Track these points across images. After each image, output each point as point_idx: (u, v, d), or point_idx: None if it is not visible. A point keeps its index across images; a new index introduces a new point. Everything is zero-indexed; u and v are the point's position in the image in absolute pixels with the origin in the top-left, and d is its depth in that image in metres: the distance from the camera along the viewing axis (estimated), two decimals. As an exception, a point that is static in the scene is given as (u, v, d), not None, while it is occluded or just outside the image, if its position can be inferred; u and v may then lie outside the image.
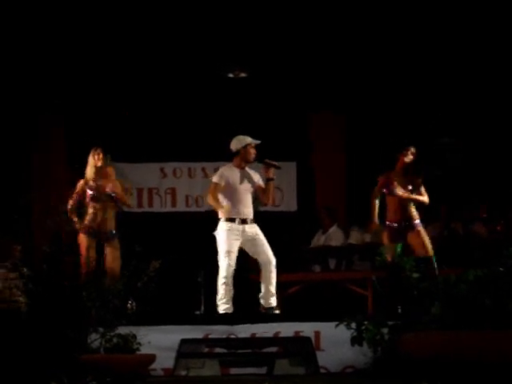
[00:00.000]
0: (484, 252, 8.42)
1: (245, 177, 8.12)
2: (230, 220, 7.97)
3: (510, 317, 4.07)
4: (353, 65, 10.30)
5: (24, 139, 10.89)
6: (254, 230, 8.02)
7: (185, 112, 10.92)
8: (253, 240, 7.99)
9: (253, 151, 8.12)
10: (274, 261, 7.99)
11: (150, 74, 10.29)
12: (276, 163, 8.10)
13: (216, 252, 8.02)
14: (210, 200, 8.12)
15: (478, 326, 4.06)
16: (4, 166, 10.62)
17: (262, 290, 7.99)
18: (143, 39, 9.58)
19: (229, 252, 7.91)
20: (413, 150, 8.38)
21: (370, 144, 10.88)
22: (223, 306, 7.92)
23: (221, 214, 8.03)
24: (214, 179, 8.14)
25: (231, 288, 7.95)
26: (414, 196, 8.31)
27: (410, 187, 8.29)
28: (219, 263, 7.96)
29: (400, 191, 8.25)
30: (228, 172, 8.13)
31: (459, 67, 10.14)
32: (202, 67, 10.28)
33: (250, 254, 8.04)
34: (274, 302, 8.01)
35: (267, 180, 8.09)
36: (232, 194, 8.03)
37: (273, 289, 8.02)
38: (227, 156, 8.60)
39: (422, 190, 8.34)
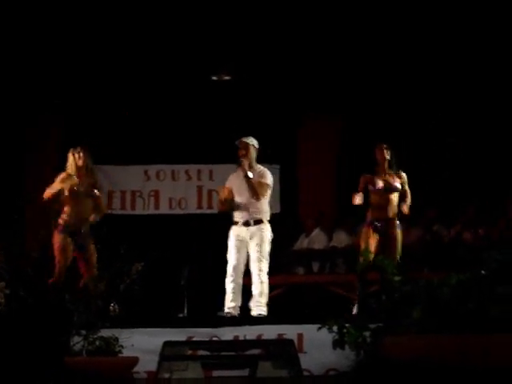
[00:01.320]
0: (467, 256, 8.46)
1: (242, 180, 8.13)
2: (235, 223, 8.06)
3: (493, 321, 4.08)
4: (342, 69, 10.32)
5: (16, 142, 10.87)
6: (257, 232, 8.04)
7: (169, 115, 10.92)
8: (252, 243, 8.03)
9: (240, 152, 8.14)
10: (262, 270, 8.01)
11: (135, 77, 10.29)
12: (241, 160, 8.09)
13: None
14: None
15: (460, 330, 4.08)
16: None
17: (252, 297, 8.03)
18: (127, 43, 9.58)
19: (232, 253, 8.02)
20: (384, 146, 8.41)
21: (358, 147, 10.90)
22: (228, 304, 7.99)
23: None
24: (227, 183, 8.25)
25: (238, 289, 7.99)
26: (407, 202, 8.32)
27: (397, 184, 8.31)
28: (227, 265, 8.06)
29: (380, 184, 8.27)
30: (233, 176, 8.20)
31: (454, 69, 10.19)
32: (186, 70, 10.27)
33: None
34: (262, 311, 8.03)
35: (244, 177, 8.12)
36: (237, 196, 8.09)
37: (261, 299, 8.03)
38: (210, 159, 8.62)
39: (406, 187, 8.36)
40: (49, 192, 8.10)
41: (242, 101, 10.72)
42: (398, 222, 8.29)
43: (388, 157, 8.39)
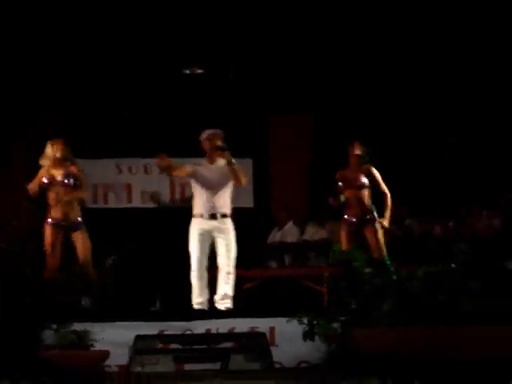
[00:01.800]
0: (437, 249, 8.52)
1: (214, 171, 8.11)
2: (199, 216, 8.01)
3: (463, 313, 4.13)
4: (315, 64, 10.34)
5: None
6: (223, 226, 8.03)
7: (141, 108, 10.89)
8: (219, 237, 8.01)
9: (208, 144, 8.11)
10: (230, 264, 8.02)
11: (106, 70, 10.26)
12: (221, 146, 8.07)
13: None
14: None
15: (431, 323, 4.11)
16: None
17: (218, 291, 8.02)
18: (100, 36, 9.54)
19: (197, 247, 7.95)
20: (356, 142, 8.47)
21: (329, 143, 10.94)
22: (196, 300, 7.96)
23: (193, 210, 8.06)
24: (187, 165, 8.16)
25: (204, 283, 7.97)
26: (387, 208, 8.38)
27: (365, 180, 8.36)
28: (190, 257, 8.01)
29: (349, 180, 8.34)
30: (199, 167, 8.13)
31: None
32: (159, 63, 10.26)
33: (215, 250, 8.08)
34: (228, 303, 8.03)
35: (227, 164, 8.09)
36: (201, 189, 8.04)
37: (229, 291, 8.04)
38: (183, 152, 8.61)
39: (382, 186, 8.40)
40: (31, 185, 8.09)
41: (214, 94, 10.71)
42: (371, 216, 8.33)
43: (359, 152, 8.43)
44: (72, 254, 7.98)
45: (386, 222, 8.32)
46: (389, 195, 8.38)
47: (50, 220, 8.07)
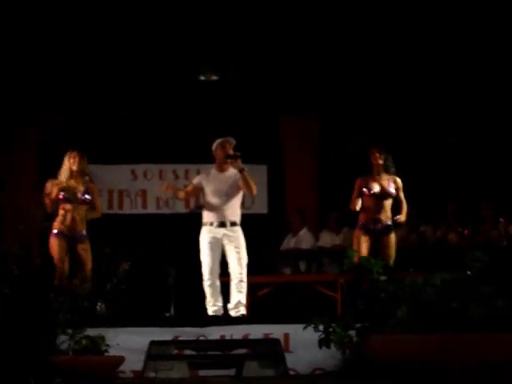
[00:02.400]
0: (452, 256, 8.49)
1: (224, 179, 8.13)
2: (209, 224, 8.02)
3: (476, 320, 4.11)
4: (327, 69, 10.34)
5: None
6: (233, 234, 8.04)
7: (156, 114, 10.91)
8: (230, 245, 8.02)
9: (220, 152, 8.14)
10: (243, 272, 8.03)
11: (122, 76, 10.28)
12: (236, 153, 8.11)
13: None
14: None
15: (445, 330, 4.10)
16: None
17: (231, 299, 8.02)
18: (114, 41, 9.57)
19: (208, 255, 7.96)
20: (376, 150, 8.43)
21: (341, 148, 10.93)
22: (211, 308, 7.99)
23: (203, 219, 8.08)
24: (194, 180, 8.26)
25: (218, 290, 7.99)
26: (403, 214, 8.37)
27: (392, 189, 8.34)
28: (202, 266, 8.01)
29: (376, 188, 8.30)
30: (208, 176, 8.16)
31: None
32: (174, 70, 10.27)
33: (226, 258, 8.08)
34: (242, 310, 8.04)
35: (239, 172, 8.11)
36: (211, 197, 8.06)
37: (242, 299, 8.04)
38: (198, 158, 8.63)
39: (401, 194, 8.39)
40: (49, 204, 8.13)
41: (229, 101, 10.72)
42: (390, 224, 8.32)
43: (381, 161, 8.41)
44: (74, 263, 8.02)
45: (402, 217, 8.32)
46: (406, 205, 8.38)
47: (55, 231, 8.09)
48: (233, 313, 8.01)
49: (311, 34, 9.59)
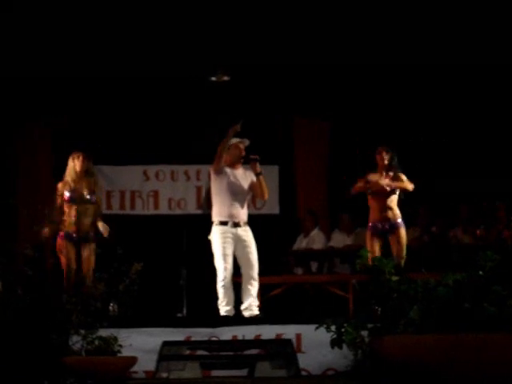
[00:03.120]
0: (464, 256, 8.48)
1: (239, 177, 8.14)
2: (223, 223, 8.00)
3: (489, 320, 4.11)
4: (339, 71, 10.34)
5: (11, 143, 10.86)
6: (246, 234, 8.05)
7: (168, 115, 10.92)
8: (242, 245, 8.03)
9: (235, 152, 8.15)
10: (255, 273, 8.04)
11: (134, 77, 10.30)
12: (255, 156, 8.14)
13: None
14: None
15: (457, 330, 4.10)
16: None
17: (244, 300, 8.03)
18: (125, 43, 9.59)
19: (224, 255, 7.96)
20: (382, 149, 8.44)
21: (353, 149, 10.92)
22: (224, 308, 7.99)
23: (213, 218, 8.07)
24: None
25: (231, 291, 8.00)
26: (397, 183, 8.36)
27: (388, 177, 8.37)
28: (216, 267, 8.00)
29: (382, 186, 8.31)
30: (222, 173, 8.14)
31: (447, 72, 10.21)
32: (185, 70, 10.29)
33: (237, 258, 8.08)
34: (255, 311, 8.05)
35: (256, 175, 8.13)
36: (225, 194, 8.05)
37: (254, 300, 8.05)
38: (210, 159, 8.63)
39: (403, 177, 8.39)
40: (56, 206, 8.17)
41: (240, 102, 10.72)
42: (400, 221, 8.33)
43: (386, 161, 8.42)
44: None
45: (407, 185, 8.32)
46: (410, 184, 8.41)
47: (62, 233, 8.14)
48: (246, 313, 8.02)
49: (322, 33, 9.59)
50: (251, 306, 8.01)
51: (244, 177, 8.17)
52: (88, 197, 8.27)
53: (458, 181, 10.59)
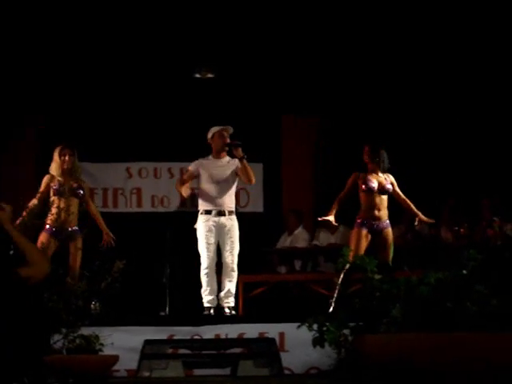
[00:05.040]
0: (448, 255, 8.48)
1: (222, 167, 8.17)
2: (207, 212, 8.05)
3: (471, 319, 4.10)
4: (326, 69, 10.33)
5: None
6: (229, 222, 8.09)
7: (151, 112, 10.87)
8: (224, 234, 8.06)
9: (219, 140, 8.20)
10: (234, 263, 8.06)
11: (117, 73, 10.25)
12: (237, 142, 8.16)
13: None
14: (176, 184, 8.23)
15: (440, 329, 4.09)
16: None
17: (222, 287, 8.07)
18: (109, 39, 9.54)
19: (207, 244, 8.00)
20: (366, 148, 8.43)
21: (339, 148, 10.91)
22: (206, 297, 8.05)
23: (199, 207, 8.11)
24: (190, 167, 8.21)
25: (214, 279, 8.05)
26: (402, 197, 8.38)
27: (389, 186, 8.34)
28: (200, 255, 8.01)
29: (374, 184, 8.29)
30: (205, 162, 8.21)
31: (435, 69, 10.20)
32: (169, 67, 10.24)
33: (220, 246, 8.11)
34: (231, 301, 8.06)
35: (240, 159, 8.14)
36: (208, 183, 8.09)
37: (232, 289, 8.08)
38: (194, 156, 8.60)
39: (398, 190, 8.39)
40: (35, 202, 8.07)
41: (224, 99, 10.69)
42: (388, 222, 8.32)
43: (369, 159, 8.40)
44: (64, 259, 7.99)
45: (423, 217, 8.34)
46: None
47: (48, 227, 8.05)
48: (223, 303, 8.04)
49: (309, 32, 9.58)
50: (228, 294, 8.05)
51: (228, 165, 8.23)
52: (77, 191, 8.21)
53: (443, 178, 10.60)
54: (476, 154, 10.74)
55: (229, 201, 8.15)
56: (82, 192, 8.28)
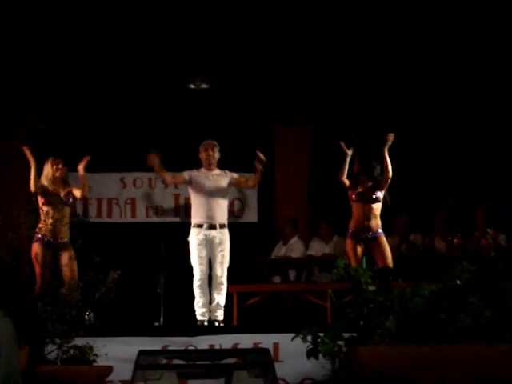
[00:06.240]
0: (442, 265, 8.48)
1: (212, 181, 8.22)
2: (199, 226, 8.08)
3: (464, 331, 4.11)
4: (320, 75, 10.35)
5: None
6: (220, 236, 8.12)
7: (146, 122, 10.89)
8: (215, 247, 8.10)
9: (204, 154, 8.27)
10: (223, 277, 8.10)
11: (112, 84, 10.27)
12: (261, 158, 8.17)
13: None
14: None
15: (433, 341, 4.10)
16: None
17: (211, 300, 8.10)
18: (105, 49, 9.56)
19: (199, 257, 8.06)
20: (356, 160, 8.48)
21: (333, 155, 10.91)
22: (199, 310, 8.12)
23: (192, 220, 8.15)
24: (184, 172, 8.35)
25: (207, 292, 8.09)
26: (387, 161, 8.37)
27: (379, 194, 8.37)
28: (193, 268, 8.10)
29: (359, 193, 8.32)
30: (197, 174, 8.27)
31: (430, 74, 10.23)
32: (163, 78, 10.27)
33: (211, 259, 8.16)
34: (220, 315, 8.10)
35: (256, 169, 8.18)
36: (200, 197, 8.13)
37: (221, 301, 8.12)
38: (188, 167, 8.61)
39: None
40: (31, 183, 8.09)
41: (218, 109, 10.71)
42: (381, 230, 8.34)
43: (359, 171, 8.45)
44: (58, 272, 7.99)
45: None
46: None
47: (39, 236, 8.04)
48: (212, 316, 8.09)
49: (301, 39, 9.62)
50: (217, 307, 8.13)
51: (220, 178, 8.27)
52: (64, 199, 8.22)
53: (436, 189, 10.61)
54: (471, 162, 10.76)
55: (220, 214, 8.19)
56: (70, 200, 8.31)
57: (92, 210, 10.84)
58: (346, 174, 8.45)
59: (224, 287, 8.19)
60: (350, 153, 8.42)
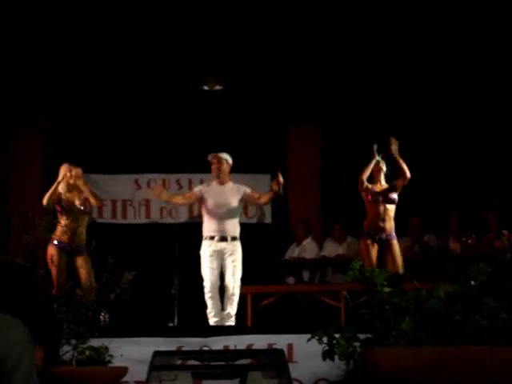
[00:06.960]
0: (456, 266, 8.48)
1: (224, 193, 8.20)
2: (210, 238, 8.08)
3: (480, 333, 4.11)
4: (330, 79, 10.35)
5: (1, 152, 10.82)
6: (232, 248, 8.11)
7: (160, 124, 10.91)
8: (227, 259, 8.10)
9: (213, 166, 8.24)
10: (236, 289, 8.11)
11: (126, 86, 10.29)
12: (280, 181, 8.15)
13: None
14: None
15: (449, 342, 4.09)
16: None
17: (223, 309, 8.12)
18: (118, 50, 9.58)
19: (210, 269, 8.08)
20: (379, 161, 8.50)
21: (344, 157, 10.92)
22: (212, 319, 8.16)
23: (203, 232, 8.17)
24: (195, 189, 8.37)
25: (218, 302, 8.11)
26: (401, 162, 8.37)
27: (395, 196, 8.38)
28: (203, 279, 8.16)
29: (377, 195, 8.32)
30: (209, 189, 8.25)
31: (439, 75, 10.22)
32: (177, 79, 10.29)
33: (222, 271, 8.18)
34: (231, 322, 8.15)
35: (271, 190, 8.20)
36: (212, 209, 8.12)
37: (232, 312, 8.15)
38: (201, 168, 8.63)
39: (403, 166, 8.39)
40: (47, 197, 8.12)
41: (232, 111, 10.73)
42: (394, 233, 8.34)
43: (385, 168, 8.45)
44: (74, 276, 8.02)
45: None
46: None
47: (55, 242, 8.08)
48: (223, 322, 8.13)
49: (314, 43, 9.62)
50: (228, 316, 8.22)
51: (231, 195, 8.23)
52: (81, 207, 8.24)
53: (449, 191, 10.59)
54: (481, 164, 10.74)
55: (232, 227, 8.19)
56: (88, 207, 8.33)
57: (106, 211, 10.87)
58: (367, 174, 8.44)
59: (236, 298, 8.21)
60: (378, 158, 8.43)
